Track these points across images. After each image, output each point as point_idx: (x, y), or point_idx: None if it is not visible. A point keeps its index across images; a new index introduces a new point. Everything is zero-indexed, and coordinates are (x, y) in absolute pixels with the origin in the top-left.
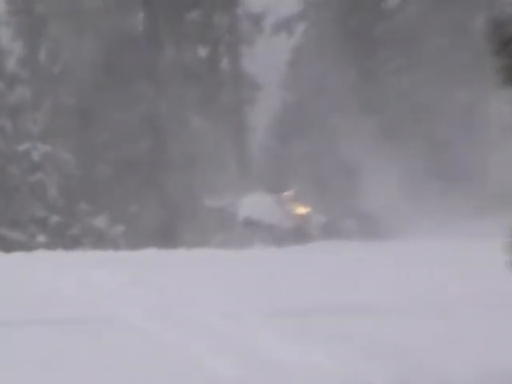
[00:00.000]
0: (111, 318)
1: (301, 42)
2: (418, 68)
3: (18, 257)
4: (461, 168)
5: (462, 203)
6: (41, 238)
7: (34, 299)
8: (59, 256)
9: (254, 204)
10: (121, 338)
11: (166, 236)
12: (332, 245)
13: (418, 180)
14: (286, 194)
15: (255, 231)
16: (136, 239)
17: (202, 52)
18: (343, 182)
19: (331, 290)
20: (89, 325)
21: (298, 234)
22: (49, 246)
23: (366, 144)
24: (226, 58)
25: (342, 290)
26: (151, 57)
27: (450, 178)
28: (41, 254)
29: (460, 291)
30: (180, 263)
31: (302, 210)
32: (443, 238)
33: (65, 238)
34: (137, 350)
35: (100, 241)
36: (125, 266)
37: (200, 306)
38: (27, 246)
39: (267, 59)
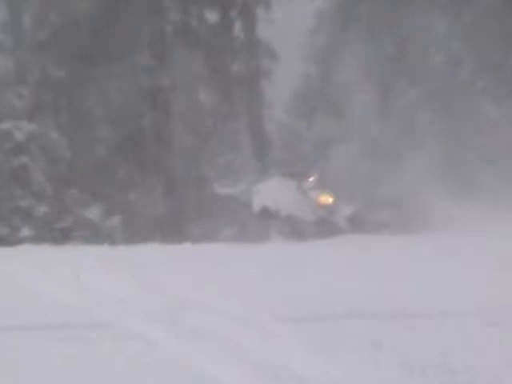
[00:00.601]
0: (108, 324)
1: (326, 6)
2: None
3: None
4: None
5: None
6: (25, 232)
7: (19, 302)
8: (47, 252)
9: (271, 191)
10: (119, 348)
11: (170, 229)
12: (362, 239)
13: (454, 168)
14: (308, 179)
15: (272, 223)
16: (135, 232)
17: (211, 17)
18: (374, 167)
19: (359, 291)
20: (82, 332)
21: (322, 226)
22: (35, 240)
23: (398, 124)
24: (239, 24)
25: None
26: (153, 22)
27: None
28: (26, 250)
29: None
30: (186, 260)
31: (326, 198)
32: (484, 231)
33: (53, 231)
34: (138, 362)
35: (94, 234)
36: (122, 263)
37: (209, 311)
38: (10, 241)
39: (287, 25)
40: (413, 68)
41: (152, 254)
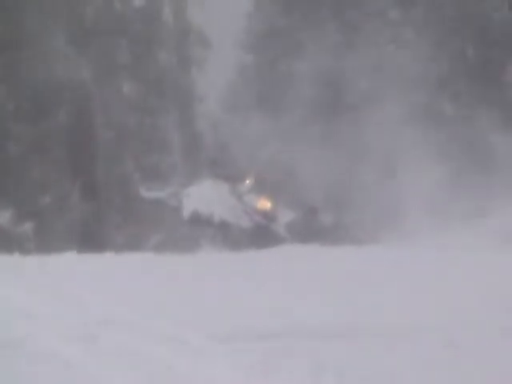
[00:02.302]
0: (19, 343)
1: None
2: None
3: None
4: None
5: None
6: None
7: None
8: None
9: (203, 195)
10: (32, 370)
11: (90, 236)
12: (303, 249)
13: (404, 167)
14: (243, 182)
15: (204, 230)
16: (50, 240)
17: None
18: (317, 168)
19: (298, 307)
20: None
21: (260, 234)
22: None
23: (345, 119)
24: (168, 7)
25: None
26: (71, 4)
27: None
28: None
29: None
30: (107, 271)
31: (264, 203)
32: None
33: None
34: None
35: (3, 242)
36: (35, 274)
37: (131, 328)
38: None
39: (220, 9)
40: (362, 58)
41: (69, 264)
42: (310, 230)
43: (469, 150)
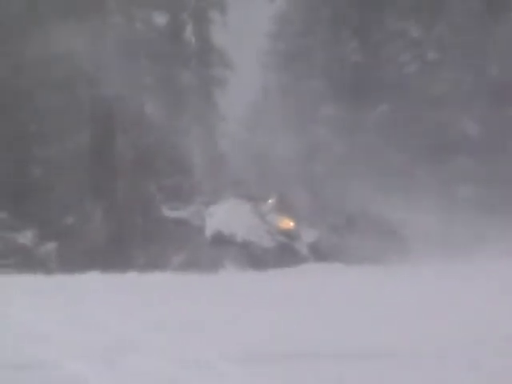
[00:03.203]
0: (39, 365)
1: (287, 9)
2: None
3: None
4: None
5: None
6: None
7: None
8: None
9: (226, 215)
10: None
11: (112, 256)
12: (326, 269)
13: (431, 188)
14: (266, 202)
15: (226, 249)
16: (73, 260)
17: (160, 19)
18: (341, 188)
19: (319, 328)
20: (9, 373)
21: (282, 253)
22: None
23: (368, 140)
24: (190, 27)
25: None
26: (93, 24)
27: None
28: None
29: None
30: (129, 292)
31: (287, 223)
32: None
33: None
34: None
35: (26, 262)
36: (57, 295)
37: (153, 351)
38: None
39: (243, 30)
40: (383, 78)
41: (91, 284)
42: (332, 250)
43: (493, 171)
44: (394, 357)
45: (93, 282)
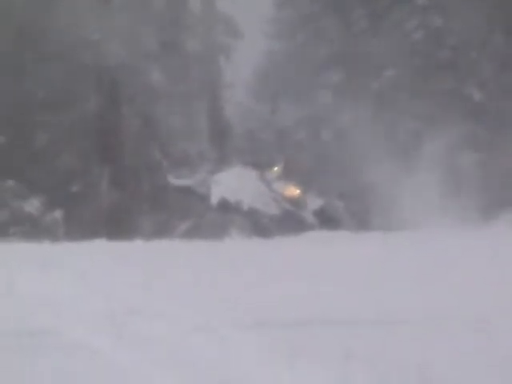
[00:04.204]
0: (47, 332)
1: None
2: None
3: None
4: None
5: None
6: None
7: None
8: None
9: (231, 182)
10: (61, 358)
11: (119, 223)
12: (332, 236)
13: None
14: (272, 169)
15: (232, 217)
16: (79, 227)
17: None
18: (345, 156)
19: (327, 295)
20: (19, 340)
21: (288, 221)
22: None
23: (373, 108)
24: None
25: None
26: None
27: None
28: None
29: None
30: (136, 259)
31: (292, 190)
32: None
33: None
34: (82, 372)
35: (33, 230)
36: (65, 262)
37: (160, 317)
38: None
39: None
40: (388, 45)
41: (98, 251)
42: (339, 217)
43: (496, 138)
44: (406, 324)
45: (99, 250)
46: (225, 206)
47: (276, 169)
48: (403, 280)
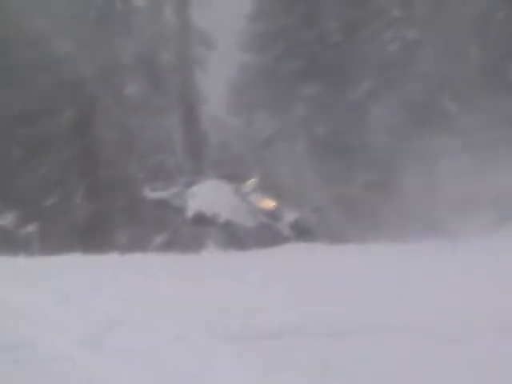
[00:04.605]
0: (27, 345)
1: None
2: None
3: None
4: None
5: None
6: None
7: None
8: None
9: (207, 195)
10: (42, 371)
11: (94, 237)
12: (307, 248)
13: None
14: (247, 182)
15: (208, 230)
16: (54, 241)
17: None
18: (321, 168)
19: (303, 306)
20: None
21: (264, 233)
22: None
23: (348, 120)
24: (170, 7)
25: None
26: (73, 5)
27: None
28: None
29: None
30: (112, 272)
31: (268, 203)
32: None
33: None
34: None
35: (8, 244)
36: (40, 276)
37: (138, 329)
38: None
39: (223, 9)
40: (364, 57)
41: (74, 265)
42: (314, 230)
43: (470, 148)
44: (382, 335)
45: (75, 263)
46: (201, 219)
47: (252, 181)
48: (379, 292)
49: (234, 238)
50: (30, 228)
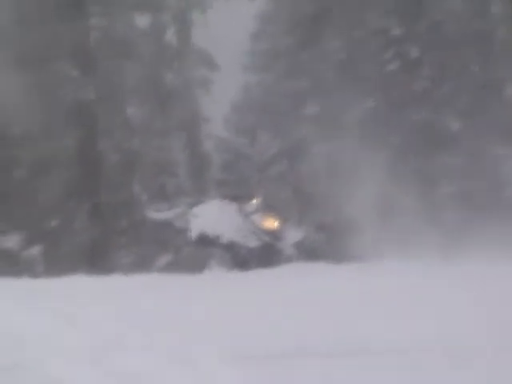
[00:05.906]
0: (26, 367)
1: (268, 7)
2: None
3: None
4: None
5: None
6: None
7: None
8: None
9: (210, 216)
10: None
11: (98, 258)
12: (311, 268)
13: (414, 188)
14: (250, 202)
15: (211, 250)
16: (59, 263)
17: (141, 21)
18: (325, 188)
19: (309, 327)
20: None
21: (267, 253)
22: None
23: (352, 139)
24: (172, 29)
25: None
26: (74, 29)
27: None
28: None
29: None
30: (116, 293)
31: (271, 222)
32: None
33: None
34: None
35: (12, 266)
36: (43, 297)
37: (142, 351)
38: None
39: (225, 30)
40: (366, 77)
41: (77, 286)
42: (318, 249)
43: (473, 165)
44: (386, 355)
45: (78, 285)
46: (204, 239)
47: (255, 201)
48: (383, 312)
49: (238, 258)
50: (34, 250)
